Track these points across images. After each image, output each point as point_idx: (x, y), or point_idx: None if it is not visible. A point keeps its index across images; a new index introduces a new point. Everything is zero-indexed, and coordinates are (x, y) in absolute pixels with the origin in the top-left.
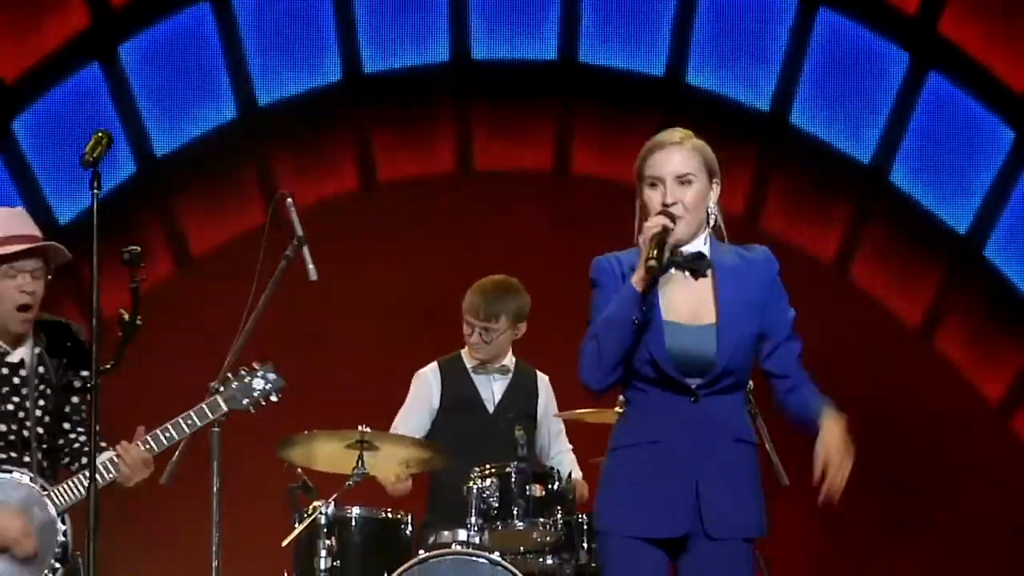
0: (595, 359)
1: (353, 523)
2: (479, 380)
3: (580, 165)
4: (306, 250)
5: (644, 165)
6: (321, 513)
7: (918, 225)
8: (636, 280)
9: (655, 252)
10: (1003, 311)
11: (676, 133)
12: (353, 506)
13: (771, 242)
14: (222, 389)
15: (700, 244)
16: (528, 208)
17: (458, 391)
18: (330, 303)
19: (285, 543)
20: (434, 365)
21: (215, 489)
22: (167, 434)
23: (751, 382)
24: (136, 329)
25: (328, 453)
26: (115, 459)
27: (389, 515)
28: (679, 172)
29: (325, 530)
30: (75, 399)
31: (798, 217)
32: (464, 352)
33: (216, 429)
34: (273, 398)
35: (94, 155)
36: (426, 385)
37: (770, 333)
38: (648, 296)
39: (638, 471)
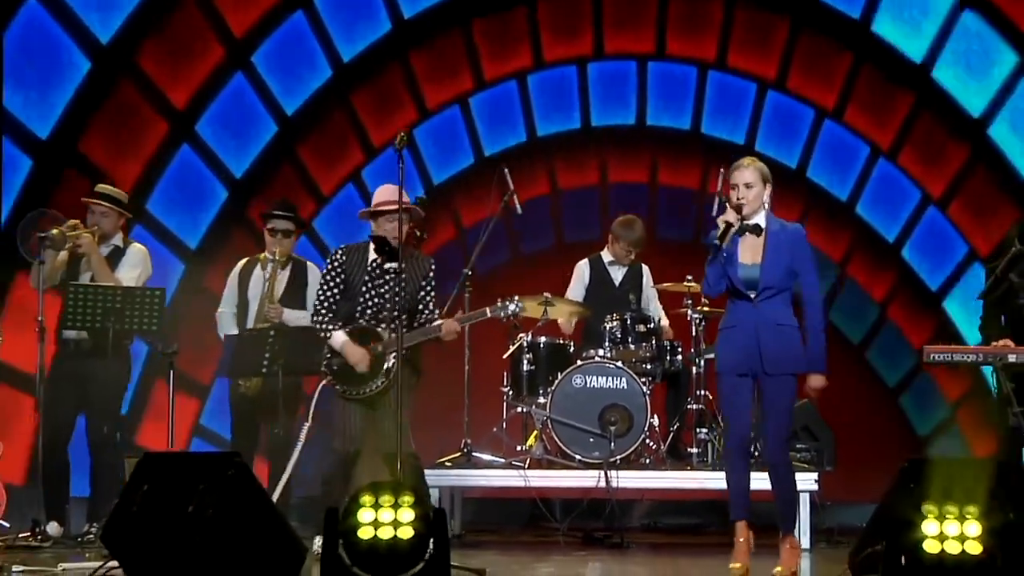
0: (705, 282)
1: (541, 346)
2: (611, 269)
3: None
4: (515, 197)
5: (730, 177)
6: (524, 340)
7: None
8: (718, 239)
9: (720, 238)
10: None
11: (746, 159)
12: (541, 336)
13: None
14: (499, 304)
15: (760, 218)
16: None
17: (599, 275)
18: (529, 231)
19: (504, 356)
20: (586, 260)
21: (466, 328)
22: (472, 318)
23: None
24: (423, 240)
25: (528, 306)
26: (441, 326)
27: (561, 341)
28: (746, 181)
29: (526, 349)
30: (421, 294)
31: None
32: (603, 252)
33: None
34: (520, 315)
35: (399, 145)
36: (580, 272)
37: (799, 274)
38: (724, 246)
39: (729, 340)
